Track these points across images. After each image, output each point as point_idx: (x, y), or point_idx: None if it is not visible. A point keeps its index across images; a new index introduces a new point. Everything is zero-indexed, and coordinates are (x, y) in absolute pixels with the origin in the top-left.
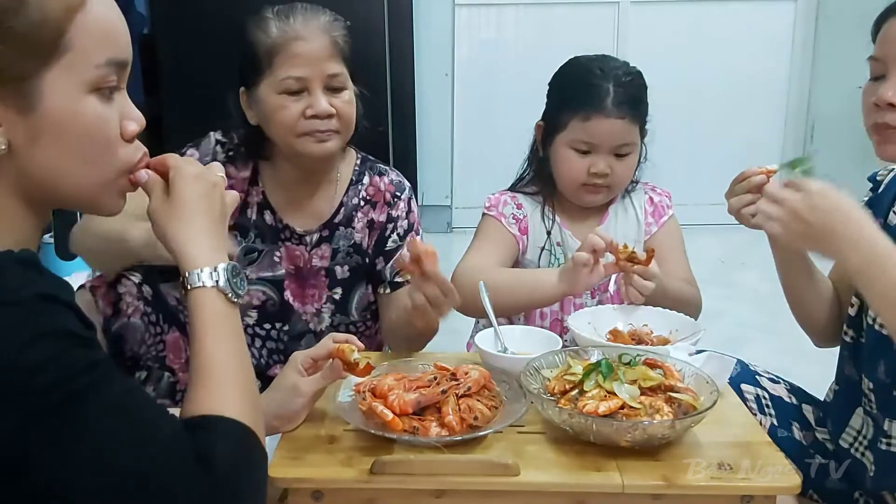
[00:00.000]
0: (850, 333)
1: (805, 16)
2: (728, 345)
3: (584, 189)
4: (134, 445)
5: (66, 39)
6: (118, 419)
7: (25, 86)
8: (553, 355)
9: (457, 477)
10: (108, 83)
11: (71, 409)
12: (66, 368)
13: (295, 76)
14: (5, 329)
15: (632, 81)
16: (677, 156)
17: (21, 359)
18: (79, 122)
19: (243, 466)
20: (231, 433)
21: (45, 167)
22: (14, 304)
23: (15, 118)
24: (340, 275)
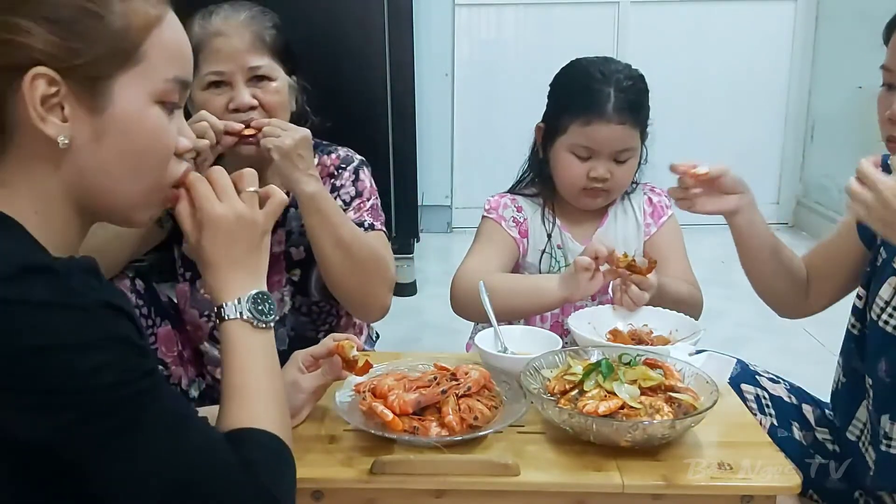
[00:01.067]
0: (857, 326)
1: (805, 16)
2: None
3: (584, 193)
4: (185, 451)
5: (141, 50)
6: (170, 425)
7: (99, 86)
8: (553, 355)
9: (457, 477)
10: (171, 98)
11: (127, 413)
12: (125, 373)
13: (214, 70)
14: (71, 331)
15: (633, 86)
16: (677, 156)
17: (83, 360)
18: (142, 128)
19: (281, 474)
20: (268, 443)
21: (101, 168)
22: (80, 309)
23: (83, 116)
24: (297, 256)
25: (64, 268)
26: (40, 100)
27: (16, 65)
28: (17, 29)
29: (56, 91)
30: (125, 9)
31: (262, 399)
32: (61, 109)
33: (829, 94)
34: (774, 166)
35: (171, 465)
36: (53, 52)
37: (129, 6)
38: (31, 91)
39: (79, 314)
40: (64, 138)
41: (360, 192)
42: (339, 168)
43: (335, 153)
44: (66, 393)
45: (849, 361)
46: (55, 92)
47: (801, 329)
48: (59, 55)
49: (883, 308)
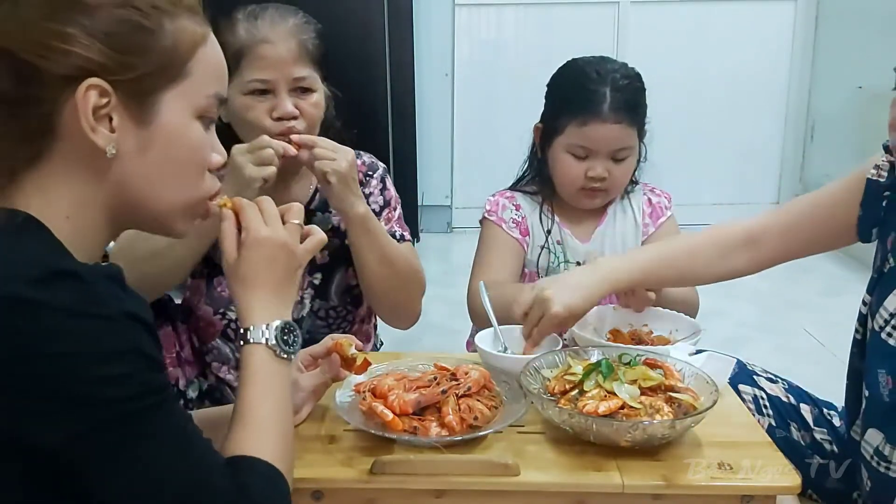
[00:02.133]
0: (860, 331)
1: (805, 16)
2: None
3: (583, 193)
4: (186, 469)
5: (188, 67)
6: (176, 443)
7: (148, 100)
8: (553, 355)
9: (457, 477)
10: (210, 114)
11: (136, 426)
12: (139, 387)
13: (260, 79)
14: (91, 339)
15: (629, 85)
16: (677, 156)
17: (100, 370)
18: (184, 141)
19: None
20: (267, 474)
21: (144, 179)
22: (103, 318)
23: (130, 128)
24: (320, 260)
25: (90, 274)
26: (92, 110)
27: (72, 74)
28: (76, 40)
29: (107, 102)
30: (175, 27)
31: (270, 430)
32: (109, 120)
33: (829, 94)
34: (774, 166)
35: (172, 482)
36: (108, 64)
37: (178, 25)
38: (84, 101)
39: (101, 323)
40: (112, 148)
41: (388, 201)
42: (366, 175)
43: (359, 159)
44: (80, 402)
45: (852, 363)
46: (106, 103)
47: (801, 329)
48: (113, 68)
49: (887, 321)
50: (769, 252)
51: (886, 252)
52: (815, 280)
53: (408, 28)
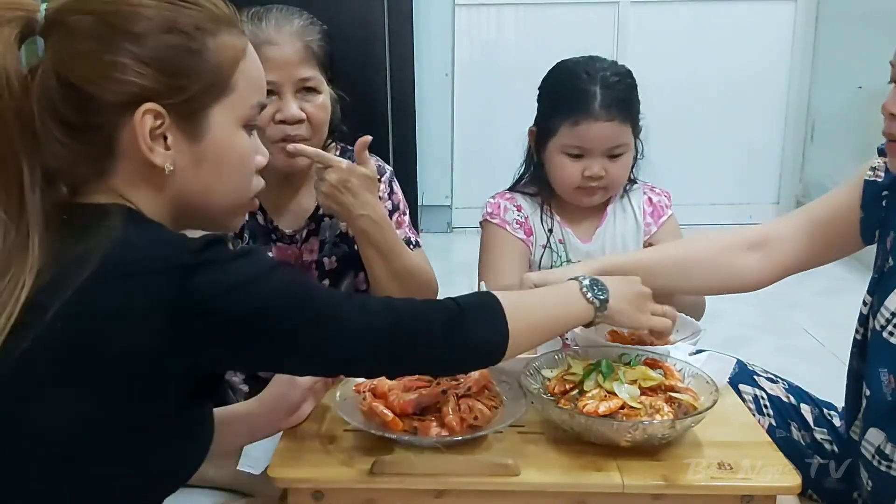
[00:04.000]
0: (860, 331)
1: (805, 16)
2: (728, 345)
3: (581, 192)
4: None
5: (232, 81)
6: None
7: (199, 117)
8: (553, 355)
9: (457, 477)
10: (254, 122)
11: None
12: (299, 281)
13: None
14: (255, 266)
15: (619, 82)
16: (677, 156)
17: (274, 276)
18: (234, 152)
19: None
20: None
21: (199, 188)
22: (243, 254)
23: (184, 145)
24: (328, 266)
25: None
26: (149, 132)
27: (128, 102)
28: (130, 69)
29: (161, 123)
30: (217, 44)
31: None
32: (164, 139)
33: (829, 94)
34: (774, 166)
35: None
36: (160, 89)
37: (220, 42)
38: (142, 125)
39: (249, 257)
40: (169, 165)
41: (396, 205)
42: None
43: None
44: (275, 306)
45: (852, 363)
46: (160, 124)
47: (801, 329)
48: (165, 91)
49: (889, 319)
50: (778, 257)
51: (886, 252)
52: (815, 280)
53: (408, 28)
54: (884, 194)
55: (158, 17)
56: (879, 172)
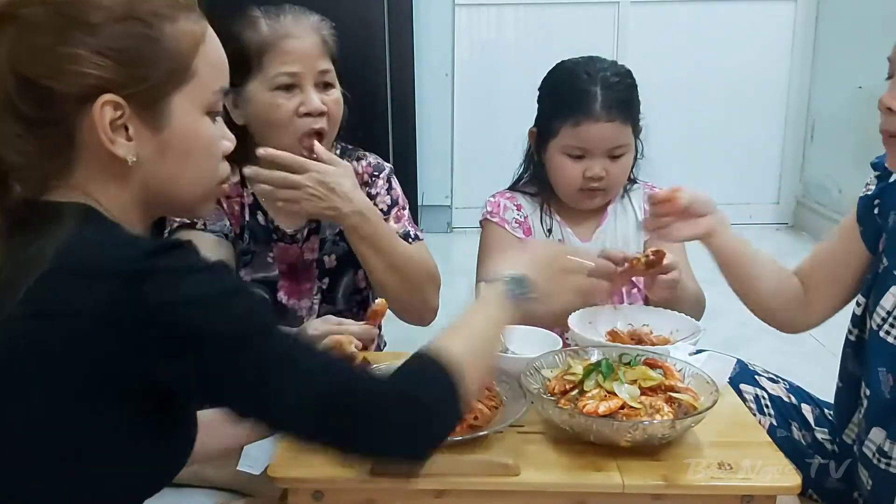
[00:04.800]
0: (854, 332)
1: (805, 16)
2: (728, 345)
3: (582, 194)
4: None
5: (193, 67)
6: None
7: (159, 107)
8: (553, 355)
9: (457, 477)
10: (217, 108)
11: (271, 342)
12: (260, 313)
13: (288, 72)
14: (214, 284)
15: (619, 82)
16: (677, 156)
17: (232, 303)
18: (198, 139)
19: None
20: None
21: (165, 177)
22: (213, 269)
23: (146, 135)
24: (328, 264)
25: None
26: (108, 123)
27: (86, 94)
28: (87, 61)
29: (121, 114)
30: (175, 30)
31: (473, 333)
32: (125, 130)
33: (829, 94)
34: (774, 166)
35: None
36: (119, 79)
37: (178, 27)
38: (101, 117)
39: (214, 272)
40: (132, 156)
41: (395, 200)
42: (372, 176)
43: (365, 160)
44: (222, 333)
45: (846, 366)
46: (120, 115)
47: None
48: (124, 82)
49: (885, 318)
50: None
51: (879, 254)
52: None
53: (408, 28)
54: (875, 203)
55: (114, 6)
56: (870, 186)
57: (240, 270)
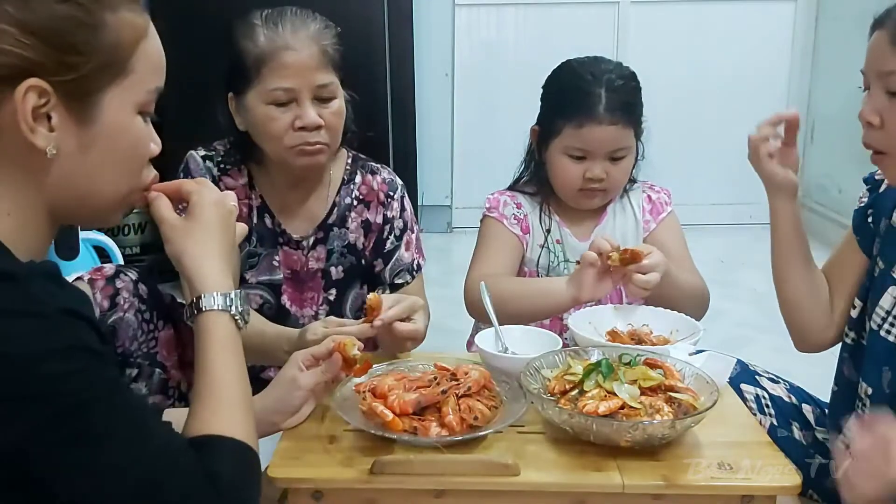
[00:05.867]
0: (850, 335)
1: (805, 16)
2: (728, 345)
3: (581, 194)
4: (147, 456)
5: (130, 63)
6: (132, 431)
7: (91, 99)
8: (553, 355)
9: (457, 477)
10: (150, 108)
11: (87, 420)
12: (85, 381)
13: (283, 87)
14: (30, 339)
15: (624, 85)
16: (677, 156)
17: (43, 368)
18: (127, 138)
19: (245, 485)
20: (235, 453)
21: (83, 176)
22: (40, 316)
23: (71, 127)
24: (335, 275)
25: (24, 274)
26: (31, 110)
27: (9, 75)
28: (13, 38)
29: (45, 102)
30: (117, 21)
31: (234, 405)
32: (48, 119)
33: (829, 94)
34: None
35: (131, 473)
36: (48, 64)
37: (121, 18)
38: (24, 103)
39: (39, 322)
40: (52, 148)
41: (407, 223)
42: (388, 196)
43: (379, 175)
44: (25, 401)
45: (841, 370)
46: (45, 103)
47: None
48: (53, 68)
49: (884, 318)
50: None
51: (874, 258)
52: None
53: (408, 28)
54: (868, 213)
55: None
56: (863, 199)
57: (245, 273)
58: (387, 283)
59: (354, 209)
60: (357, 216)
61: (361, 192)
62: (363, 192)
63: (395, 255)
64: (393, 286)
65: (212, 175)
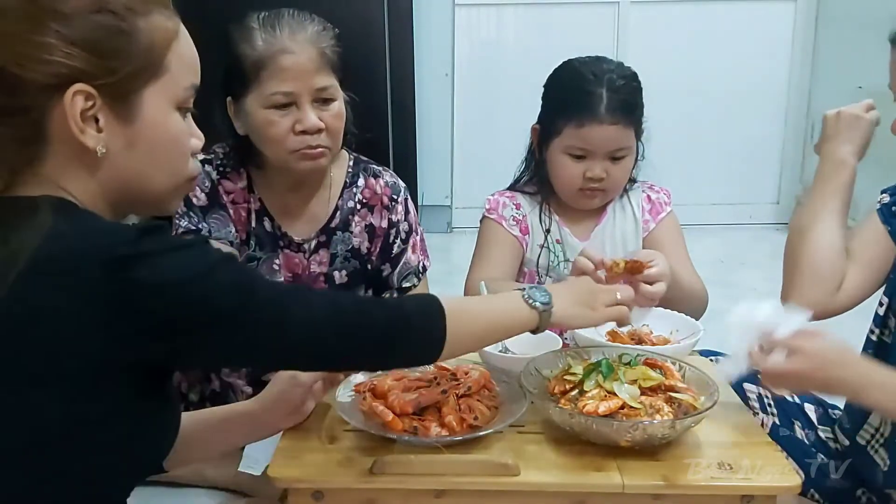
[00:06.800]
0: (875, 332)
1: (805, 16)
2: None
3: (581, 194)
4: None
5: (165, 62)
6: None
7: (131, 99)
8: (553, 355)
9: (457, 477)
10: (187, 104)
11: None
12: (247, 276)
13: (283, 91)
14: (193, 262)
15: (625, 85)
16: (677, 156)
17: (220, 278)
18: (168, 134)
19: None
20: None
21: (134, 171)
22: (191, 246)
23: (116, 126)
24: (339, 280)
25: (151, 223)
26: (79, 114)
27: (57, 83)
28: (57, 50)
29: (92, 105)
30: (149, 25)
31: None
32: (96, 121)
33: (829, 95)
34: (774, 166)
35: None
36: (91, 70)
37: (152, 22)
38: (72, 107)
39: (196, 250)
40: (101, 147)
41: (412, 225)
42: (391, 199)
43: (381, 178)
44: (217, 304)
45: None
46: (91, 106)
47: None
48: (96, 73)
49: None
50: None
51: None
52: None
53: (408, 28)
54: (894, 210)
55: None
56: (884, 198)
57: None
58: (395, 286)
59: (358, 213)
60: (361, 220)
61: (365, 196)
62: (366, 195)
63: (402, 258)
64: (401, 290)
65: (210, 179)
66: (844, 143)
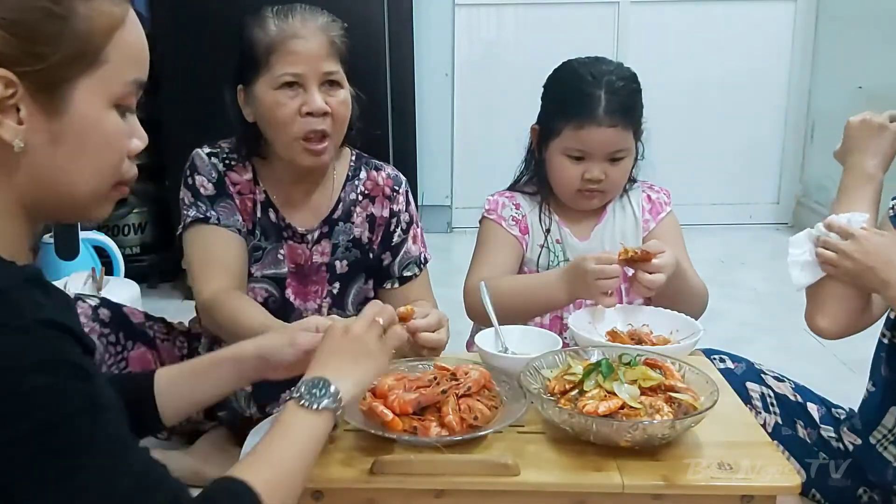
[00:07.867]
0: (888, 335)
1: (805, 16)
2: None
3: (580, 195)
4: (121, 477)
5: (104, 53)
6: (109, 449)
7: (60, 91)
8: (553, 355)
9: (457, 477)
10: (128, 102)
11: (62, 438)
12: (62, 396)
13: (291, 72)
14: (9, 355)
15: (624, 87)
16: (677, 156)
17: (20, 384)
18: (100, 132)
19: None
20: (237, 493)
21: (57, 171)
22: (20, 330)
23: (40, 120)
24: (339, 269)
25: (6, 282)
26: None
27: None
28: None
29: (13, 93)
30: (88, 10)
31: (276, 467)
32: (16, 111)
33: (829, 94)
34: (774, 166)
35: (104, 493)
36: (14, 54)
37: (93, 7)
38: None
39: (18, 336)
40: (20, 141)
41: (412, 216)
42: (393, 190)
43: (383, 170)
44: (1, 416)
45: (878, 370)
46: (12, 94)
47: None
48: (20, 58)
49: None
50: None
51: None
52: None
53: (408, 28)
54: None
55: None
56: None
57: (251, 266)
58: (395, 276)
59: (359, 204)
60: (362, 210)
61: (367, 188)
62: (368, 187)
63: (403, 248)
64: (402, 279)
65: (217, 170)
66: (871, 157)
